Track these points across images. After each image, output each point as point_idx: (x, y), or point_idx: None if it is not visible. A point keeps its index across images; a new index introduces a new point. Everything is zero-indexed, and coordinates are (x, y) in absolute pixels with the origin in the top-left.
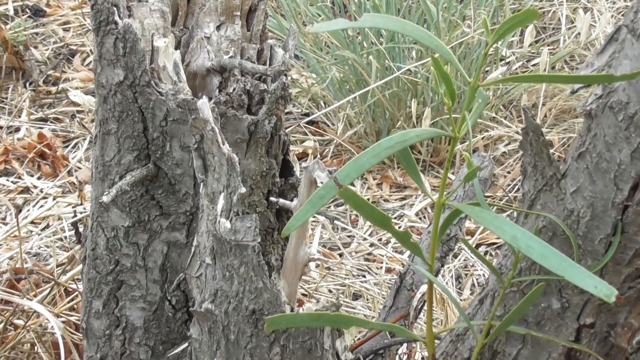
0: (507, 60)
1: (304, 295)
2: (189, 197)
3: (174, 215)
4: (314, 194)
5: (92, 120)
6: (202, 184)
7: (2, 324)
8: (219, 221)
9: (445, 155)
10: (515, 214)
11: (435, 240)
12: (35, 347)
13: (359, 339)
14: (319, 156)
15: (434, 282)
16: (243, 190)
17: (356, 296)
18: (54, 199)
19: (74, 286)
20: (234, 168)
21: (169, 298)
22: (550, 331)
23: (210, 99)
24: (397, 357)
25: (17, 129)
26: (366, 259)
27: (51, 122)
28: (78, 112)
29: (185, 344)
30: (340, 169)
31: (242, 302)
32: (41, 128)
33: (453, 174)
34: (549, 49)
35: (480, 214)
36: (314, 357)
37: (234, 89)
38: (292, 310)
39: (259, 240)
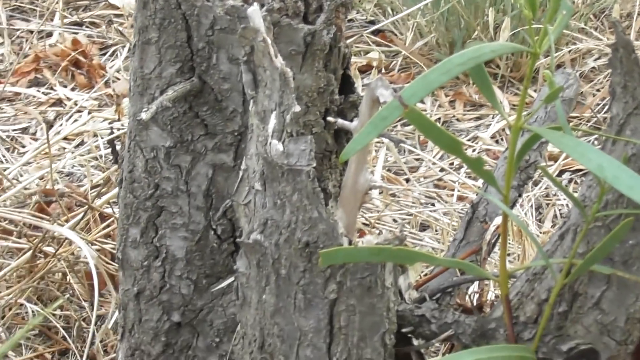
0: None
1: (364, 224)
2: (237, 115)
3: (220, 136)
4: (377, 114)
5: (132, 26)
6: (251, 100)
7: (31, 251)
8: (270, 143)
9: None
10: (603, 139)
11: (511, 168)
12: (67, 277)
13: (425, 274)
14: (383, 70)
15: (508, 214)
16: (297, 108)
17: (424, 226)
18: (89, 112)
19: (109, 211)
20: (288, 84)
21: (214, 227)
22: (639, 271)
23: (262, 5)
24: (467, 296)
25: (49, 34)
26: (436, 186)
27: (87, 26)
28: (116, 16)
29: (231, 279)
30: (405, 87)
31: (294, 234)
32: (75, 33)
33: (535, 91)
34: None
35: (561, 139)
36: (374, 295)
37: None
38: (350, 243)
39: (314, 164)
